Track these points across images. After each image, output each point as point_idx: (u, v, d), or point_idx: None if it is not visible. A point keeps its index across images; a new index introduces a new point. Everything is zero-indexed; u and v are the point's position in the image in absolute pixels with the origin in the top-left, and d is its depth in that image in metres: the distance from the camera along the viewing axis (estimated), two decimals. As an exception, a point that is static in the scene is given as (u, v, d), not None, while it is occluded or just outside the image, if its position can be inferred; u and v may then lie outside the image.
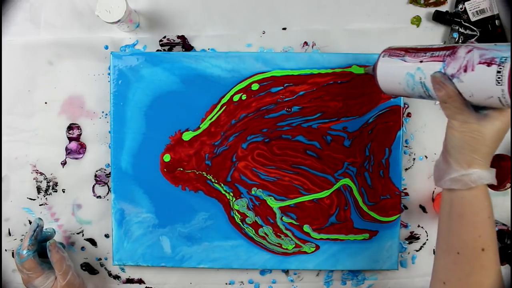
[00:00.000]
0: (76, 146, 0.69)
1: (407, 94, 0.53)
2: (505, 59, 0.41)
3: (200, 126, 0.66)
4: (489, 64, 0.42)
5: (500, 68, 0.41)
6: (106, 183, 0.70)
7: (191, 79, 0.66)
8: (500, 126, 0.45)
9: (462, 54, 0.45)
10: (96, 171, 0.70)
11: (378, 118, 0.66)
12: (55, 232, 0.68)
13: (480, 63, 0.43)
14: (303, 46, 0.68)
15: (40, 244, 0.65)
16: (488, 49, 0.43)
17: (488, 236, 0.46)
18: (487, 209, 0.46)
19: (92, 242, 0.70)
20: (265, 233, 0.68)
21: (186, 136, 0.67)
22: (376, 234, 0.67)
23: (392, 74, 0.53)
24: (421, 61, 0.49)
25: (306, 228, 0.67)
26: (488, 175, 0.46)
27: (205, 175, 0.67)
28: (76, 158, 0.70)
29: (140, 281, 0.71)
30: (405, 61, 0.51)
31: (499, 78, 0.42)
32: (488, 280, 0.45)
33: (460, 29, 0.67)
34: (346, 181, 0.67)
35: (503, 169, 0.64)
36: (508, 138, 0.68)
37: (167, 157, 0.67)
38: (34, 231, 0.62)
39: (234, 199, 0.67)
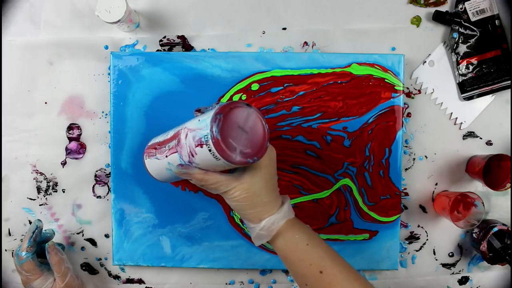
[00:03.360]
0: (76, 146, 0.69)
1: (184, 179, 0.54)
2: (206, 137, 0.42)
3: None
4: (201, 145, 0.43)
5: (209, 147, 0.42)
6: (106, 183, 0.70)
7: (191, 79, 0.66)
8: (258, 173, 0.47)
9: (184, 141, 0.46)
10: (96, 171, 0.70)
11: (378, 118, 0.66)
12: (54, 233, 0.68)
13: (196, 146, 0.44)
14: (303, 46, 0.68)
15: (40, 245, 0.64)
16: (195, 130, 0.44)
17: (317, 259, 0.47)
18: (302, 240, 0.48)
19: (92, 242, 0.70)
20: (265, 233, 0.67)
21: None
22: (376, 234, 0.67)
23: (159, 172, 0.53)
24: (166, 156, 0.50)
25: (306, 228, 0.67)
26: (280, 216, 0.48)
27: (205, 175, 0.67)
28: (76, 158, 0.70)
29: (140, 281, 0.71)
30: (158, 158, 0.52)
31: (213, 155, 0.43)
32: None
33: (460, 29, 0.67)
34: (346, 181, 0.67)
35: (503, 169, 0.64)
36: (508, 138, 0.68)
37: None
38: (33, 232, 0.62)
39: (234, 199, 0.67)
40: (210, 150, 0.42)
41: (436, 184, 0.69)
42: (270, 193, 0.48)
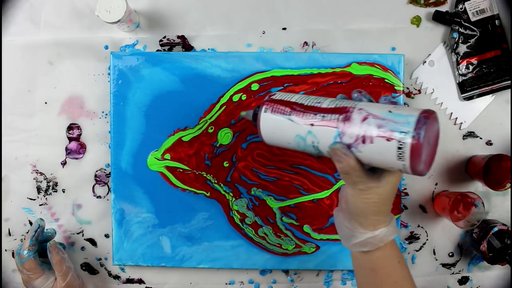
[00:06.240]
0: (76, 146, 0.70)
1: (297, 150, 0.48)
2: (405, 134, 0.39)
3: (199, 126, 0.67)
4: (388, 139, 0.40)
5: (401, 145, 0.39)
6: (106, 183, 0.70)
7: (191, 79, 0.66)
8: (395, 181, 0.45)
9: (357, 122, 0.41)
10: (96, 171, 0.70)
11: (378, 118, 0.66)
12: (55, 232, 0.68)
13: (378, 136, 0.40)
14: (303, 46, 0.68)
15: (41, 245, 0.65)
16: (385, 119, 0.40)
17: (403, 279, 0.48)
18: (395, 257, 0.48)
19: (92, 242, 0.71)
20: (265, 233, 0.68)
21: (186, 137, 0.67)
22: (376, 234, 0.67)
23: (279, 133, 0.47)
24: (311, 124, 0.44)
25: (306, 228, 0.67)
26: (393, 231, 0.47)
27: (205, 175, 0.67)
28: (76, 158, 0.70)
29: (140, 281, 0.71)
30: (292, 120, 0.45)
31: (400, 154, 0.39)
32: None
33: (460, 29, 0.67)
34: (346, 181, 0.67)
35: (503, 169, 0.64)
36: (508, 138, 0.68)
37: (167, 157, 0.67)
38: (35, 231, 0.62)
39: (233, 199, 0.67)
40: (400, 148, 0.39)
41: (436, 184, 0.69)
42: (391, 204, 0.47)
